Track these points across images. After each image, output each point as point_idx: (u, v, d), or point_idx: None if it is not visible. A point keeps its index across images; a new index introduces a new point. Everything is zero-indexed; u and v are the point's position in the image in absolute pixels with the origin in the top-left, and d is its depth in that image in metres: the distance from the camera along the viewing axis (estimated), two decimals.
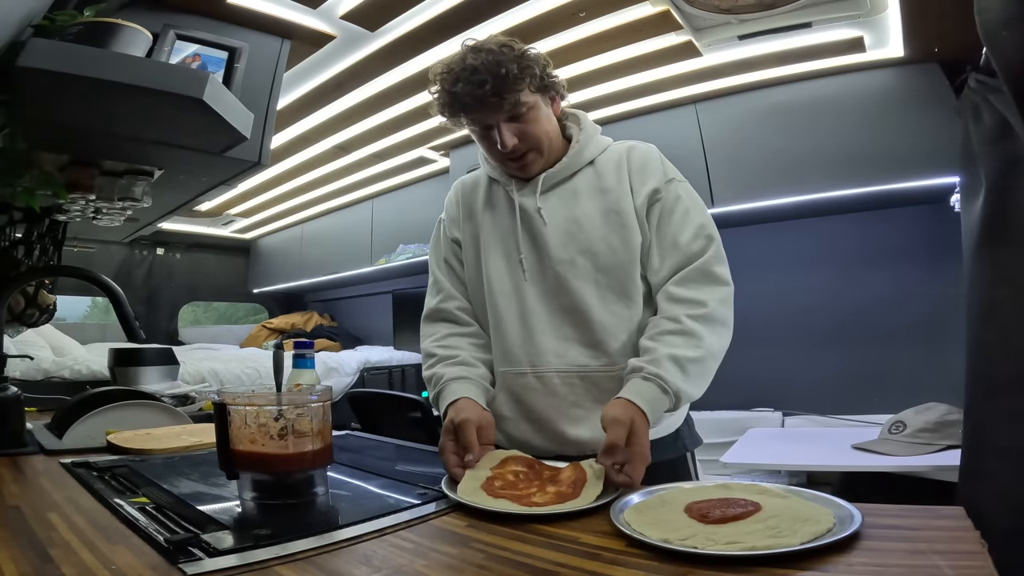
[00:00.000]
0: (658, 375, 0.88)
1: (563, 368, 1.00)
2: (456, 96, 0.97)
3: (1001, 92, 1.01)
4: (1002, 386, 1.03)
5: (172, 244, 4.58)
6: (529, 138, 1.00)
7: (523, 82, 0.96)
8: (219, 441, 0.78)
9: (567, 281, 1.01)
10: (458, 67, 0.97)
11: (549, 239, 1.02)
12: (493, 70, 0.94)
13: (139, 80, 1.17)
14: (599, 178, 1.04)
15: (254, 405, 0.78)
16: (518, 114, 0.98)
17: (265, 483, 0.78)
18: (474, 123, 1.00)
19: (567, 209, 1.03)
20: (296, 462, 0.78)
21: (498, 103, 0.96)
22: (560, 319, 1.01)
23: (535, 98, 1.00)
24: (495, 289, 1.06)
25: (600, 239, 1.00)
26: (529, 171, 1.04)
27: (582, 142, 1.06)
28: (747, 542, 0.56)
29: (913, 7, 1.73)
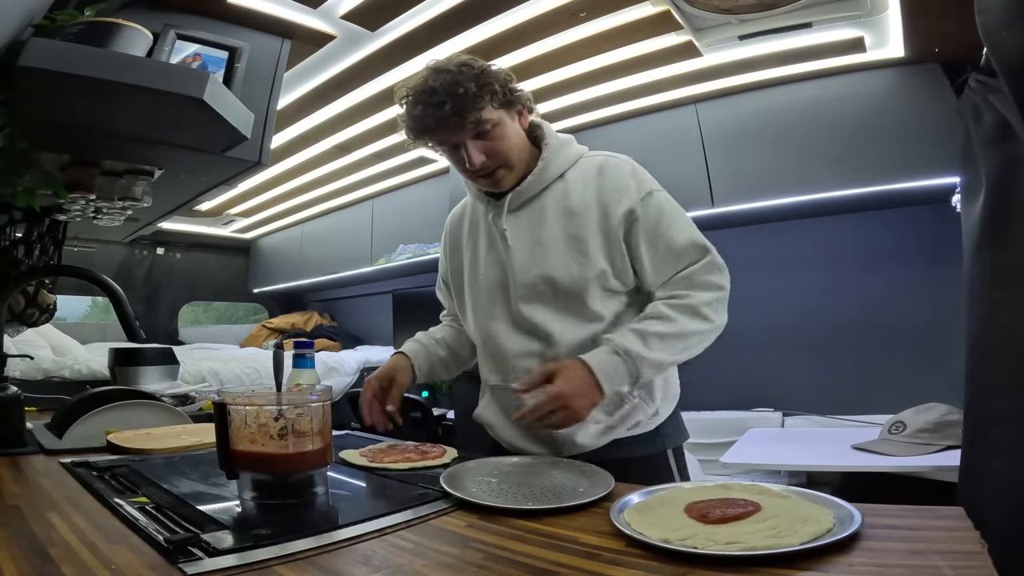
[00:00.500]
0: (610, 339, 0.93)
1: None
2: (418, 119, 0.98)
3: (1002, 92, 1.01)
4: (1002, 386, 1.03)
5: (172, 244, 4.58)
6: (497, 155, 1.00)
7: (483, 100, 0.97)
8: (219, 441, 0.78)
9: (528, 307, 1.04)
10: (419, 89, 0.98)
11: (514, 262, 1.05)
12: (451, 90, 0.95)
13: (139, 80, 1.17)
14: (567, 196, 1.04)
15: (254, 405, 0.78)
16: (483, 131, 0.98)
17: (265, 483, 0.78)
18: (440, 144, 1.02)
19: (533, 230, 1.05)
20: (296, 462, 0.78)
21: (459, 123, 0.96)
22: (526, 339, 1.05)
23: (499, 114, 1.00)
24: (474, 309, 1.12)
25: (560, 265, 1.01)
26: (500, 186, 1.05)
27: (546, 158, 1.05)
28: (747, 542, 0.56)
29: (913, 7, 1.73)
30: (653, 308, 0.98)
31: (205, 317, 5.50)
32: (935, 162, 1.97)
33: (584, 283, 1.00)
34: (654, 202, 1.02)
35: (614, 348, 0.92)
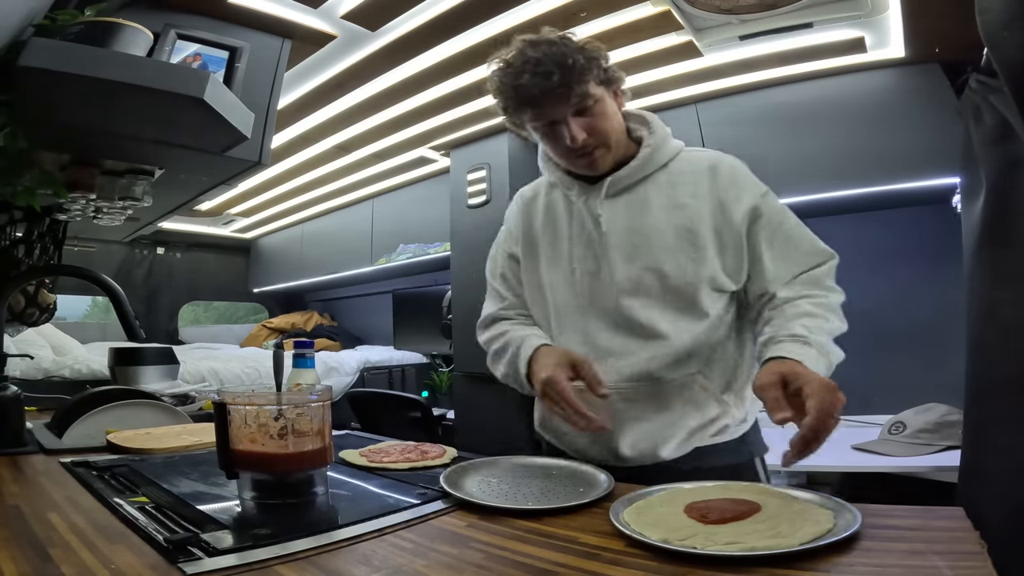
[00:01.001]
0: (791, 335, 0.86)
1: (624, 386, 0.97)
2: (521, 90, 0.92)
3: (1002, 92, 1.01)
4: (1002, 386, 1.03)
5: (172, 243, 4.58)
6: (598, 132, 0.95)
7: (590, 73, 0.92)
8: (219, 441, 0.78)
9: (632, 301, 0.97)
10: (519, 61, 0.92)
11: (611, 250, 0.98)
12: (559, 60, 0.89)
13: (140, 79, 1.17)
14: (673, 189, 0.99)
15: (254, 405, 0.78)
16: (585, 107, 0.93)
17: (265, 483, 0.78)
18: (539, 118, 0.95)
19: (633, 218, 0.98)
20: (296, 462, 0.78)
21: (566, 95, 0.91)
22: (625, 336, 0.97)
23: (601, 91, 0.95)
24: (558, 305, 1.03)
25: (670, 258, 0.96)
26: (597, 167, 0.99)
27: (654, 145, 1.00)
28: (747, 542, 0.56)
29: (914, 7, 1.73)
30: (796, 307, 0.91)
31: (205, 317, 5.50)
32: (935, 162, 1.96)
33: (697, 279, 0.95)
34: (774, 201, 0.99)
35: (803, 340, 0.85)
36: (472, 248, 2.99)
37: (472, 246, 2.99)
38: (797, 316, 0.90)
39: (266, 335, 4.55)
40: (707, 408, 0.97)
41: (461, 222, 3.05)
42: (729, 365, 0.99)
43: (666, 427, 0.96)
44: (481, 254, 3.29)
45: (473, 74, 2.22)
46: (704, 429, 0.97)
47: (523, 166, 2.97)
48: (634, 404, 0.96)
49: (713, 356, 0.98)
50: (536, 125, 0.97)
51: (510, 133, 2.88)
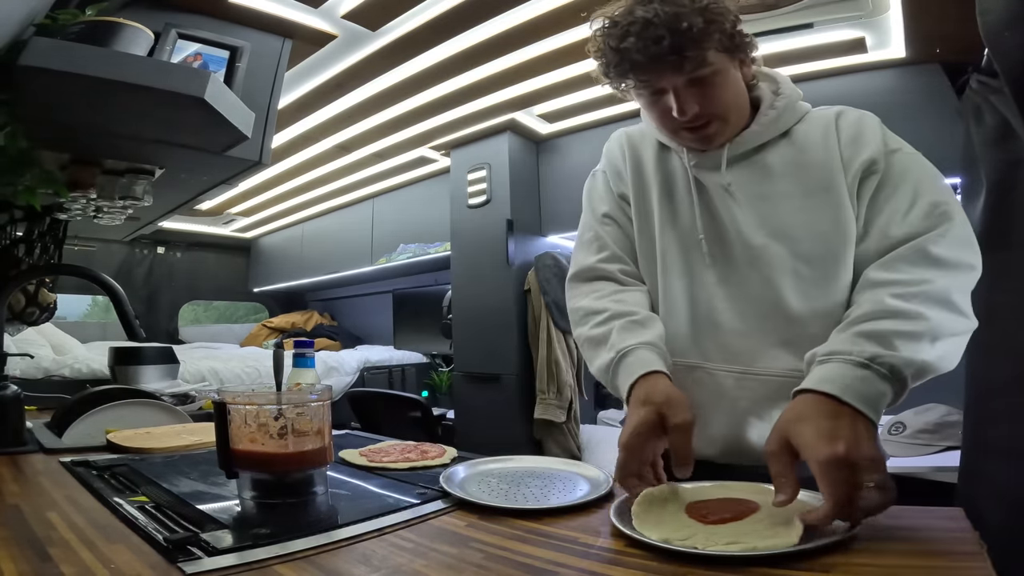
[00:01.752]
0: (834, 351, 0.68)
1: (740, 369, 0.84)
2: (625, 54, 0.80)
3: (1003, 93, 1.01)
4: (1002, 387, 1.03)
5: (172, 243, 4.59)
6: (714, 104, 0.82)
7: (709, 39, 0.78)
8: (219, 440, 0.78)
9: (759, 270, 0.83)
10: (626, 20, 0.80)
11: (740, 221, 0.85)
12: (672, 24, 0.77)
13: (141, 79, 1.17)
14: (799, 152, 0.85)
15: (254, 404, 0.78)
16: (700, 77, 0.80)
17: (265, 482, 0.78)
18: (644, 86, 0.83)
19: (756, 185, 0.85)
20: (296, 461, 0.78)
21: (677, 63, 0.78)
22: (746, 313, 0.84)
23: (722, 59, 0.81)
24: (669, 267, 0.89)
25: (801, 223, 0.82)
26: (709, 143, 0.86)
27: (778, 108, 0.86)
28: (747, 542, 0.56)
29: (915, 8, 1.73)
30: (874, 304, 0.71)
31: (205, 316, 5.50)
32: (936, 163, 1.95)
33: (840, 240, 0.80)
34: (901, 160, 0.81)
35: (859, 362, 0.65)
36: (472, 248, 2.99)
37: (472, 246, 2.99)
38: (866, 318, 0.70)
39: (266, 335, 4.55)
40: None
41: (461, 222, 3.05)
42: None
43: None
44: (481, 254, 3.28)
45: (473, 74, 2.23)
46: None
47: (523, 166, 2.98)
48: (755, 396, 0.83)
49: None
50: (640, 92, 0.85)
51: (510, 133, 2.89)
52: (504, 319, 2.85)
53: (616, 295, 0.90)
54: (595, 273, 0.94)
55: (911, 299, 0.69)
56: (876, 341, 0.67)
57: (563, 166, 2.94)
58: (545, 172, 3.03)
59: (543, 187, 3.03)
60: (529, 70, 2.17)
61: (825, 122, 0.86)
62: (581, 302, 0.92)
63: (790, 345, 0.82)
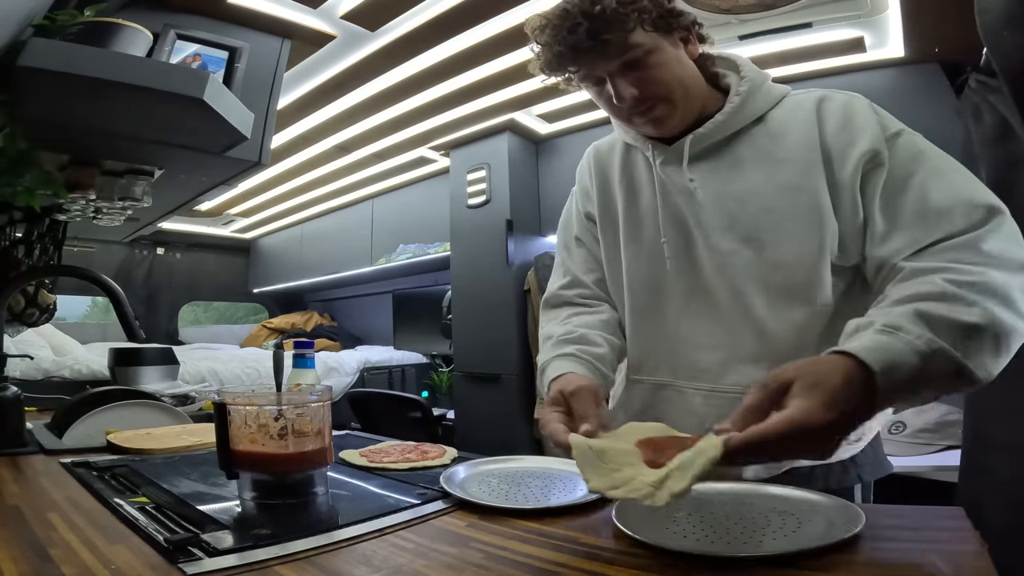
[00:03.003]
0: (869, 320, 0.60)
1: (709, 387, 0.81)
2: (548, 47, 0.79)
3: (1001, 92, 1.01)
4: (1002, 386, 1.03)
5: (172, 244, 4.59)
6: (653, 85, 0.78)
7: (628, 20, 0.75)
8: (219, 441, 0.78)
9: (726, 278, 0.79)
10: (549, 15, 0.79)
11: (705, 221, 0.81)
12: (586, 8, 0.75)
13: (139, 80, 1.17)
14: (773, 142, 0.79)
15: (254, 405, 0.78)
16: (633, 60, 0.77)
17: (265, 483, 0.78)
18: (582, 77, 0.81)
19: (725, 183, 0.80)
20: (296, 462, 0.78)
21: (599, 48, 0.76)
22: (713, 325, 0.81)
23: (653, 38, 0.78)
24: (631, 280, 0.88)
25: (772, 225, 0.77)
26: (662, 126, 0.82)
27: (743, 93, 0.81)
28: (680, 467, 0.54)
29: (913, 7, 1.73)
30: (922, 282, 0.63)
31: (205, 317, 5.50)
32: None
33: (814, 247, 0.75)
34: (906, 143, 0.74)
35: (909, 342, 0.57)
36: (472, 248, 2.99)
37: (472, 246, 2.99)
38: (916, 298, 0.61)
39: (266, 335, 4.55)
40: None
41: (461, 222, 3.05)
42: None
43: None
44: (481, 254, 3.28)
45: (473, 74, 2.23)
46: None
47: (523, 166, 2.98)
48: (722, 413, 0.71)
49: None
50: (585, 85, 0.83)
51: (510, 133, 2.89)
52: (504, 319, 2.85)
53: (567, 319, 0.91)
54: (556, 300, 0.97)
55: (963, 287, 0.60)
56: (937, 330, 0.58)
57: (563, 166, 2.94)
58: (545, 172, 3.03)
59: (543, 187, 3.03)
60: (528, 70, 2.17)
61: (806, 109, 0.80)
62: (542, 330, 0.94)
63: (760, 360, 0.78)
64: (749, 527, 0.62)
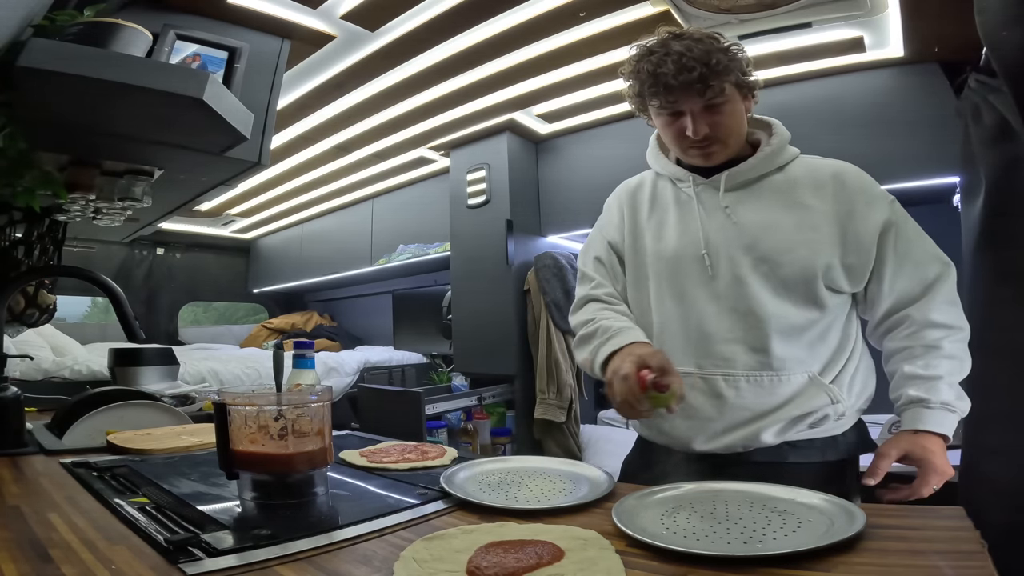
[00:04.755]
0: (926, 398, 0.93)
1: (730, 372, 0.97)
2: (661, 77, 0.95)
3: (1001, 92, 1.01)
4: (1002, 386, 1.03)
5: (172, 244, 4.58)
6: (720, 129, 0.98)
7: (729, 74, 0.96)
8: (219, 441, 0.78)
9: (746, 285, 0.97)
10: (662, 50, 0.96)
11: (733, 240, 0.99)
12: (704, 59, 0.93)
13: (139, 80, 1.17)
14: (792, 189, 1.00)
15: (254, 405, 0.78)
16: (715, 104, 0.96)
17: (265, 483, 0.78)
18: (667, 107, 0.98)
19: (754, 212, 1.00)
20: (296, 462, 0.78)
21: (701, 90, 0.94)
22: (732, 322, 0.98)
23: (733, 92, 0.98)
24: (663, 289, 1.03)
25: (787, 250, 0.96)
26: (710, 160, 1.02)
27: (774, 146, 1.03)
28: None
29: (913, 7, 1.73)
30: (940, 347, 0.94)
31: (205, 317, 5.50)
32: (935, 162, 1.97)
33: (812, 273, 0.95)
34: (900, 208, 1.00)
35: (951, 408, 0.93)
36: (472, 248, 2.99)
37: (472, 246, 2.99)
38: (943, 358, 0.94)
39: (266, 336, 4.55)
40: (812, 397, 0.96)
41: (461, 222, 3.05)
42: (837, 355, 0.99)
43: (763, 416, 0.95)
44: (481, 254, 3.28)
45: (473, 74, 2.23)
46: (803, 420, 0.96)
47: (523, 166, 2.98)
48: (740, 391, 0.96)
49: (821, 346, 0.98)
50: (662, 113, 1.00)
51: (510, 133, 2.89)
52: (504, 319, 2.85)
53: (604, 310, 1.08)
54: (587, 298, 1.12)
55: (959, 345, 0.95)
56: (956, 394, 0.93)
57: (562, 166, 2.94)
58: (544, 172, 3.03)
59: (542, 187, 3.03)
60: (528, 70, 2.17)
61: (821, 174, 1.01)
62: (575, 319, 1.11)
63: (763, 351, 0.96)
64: (749, 527, 0.62)
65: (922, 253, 0.98)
